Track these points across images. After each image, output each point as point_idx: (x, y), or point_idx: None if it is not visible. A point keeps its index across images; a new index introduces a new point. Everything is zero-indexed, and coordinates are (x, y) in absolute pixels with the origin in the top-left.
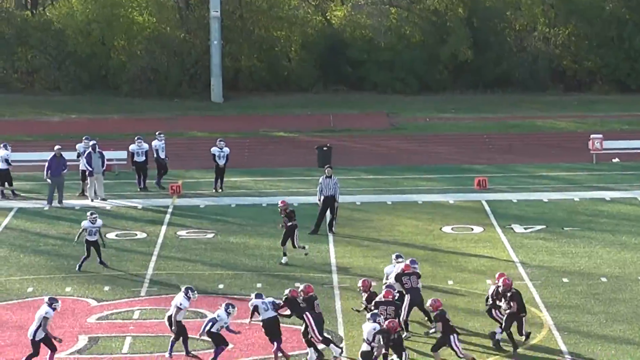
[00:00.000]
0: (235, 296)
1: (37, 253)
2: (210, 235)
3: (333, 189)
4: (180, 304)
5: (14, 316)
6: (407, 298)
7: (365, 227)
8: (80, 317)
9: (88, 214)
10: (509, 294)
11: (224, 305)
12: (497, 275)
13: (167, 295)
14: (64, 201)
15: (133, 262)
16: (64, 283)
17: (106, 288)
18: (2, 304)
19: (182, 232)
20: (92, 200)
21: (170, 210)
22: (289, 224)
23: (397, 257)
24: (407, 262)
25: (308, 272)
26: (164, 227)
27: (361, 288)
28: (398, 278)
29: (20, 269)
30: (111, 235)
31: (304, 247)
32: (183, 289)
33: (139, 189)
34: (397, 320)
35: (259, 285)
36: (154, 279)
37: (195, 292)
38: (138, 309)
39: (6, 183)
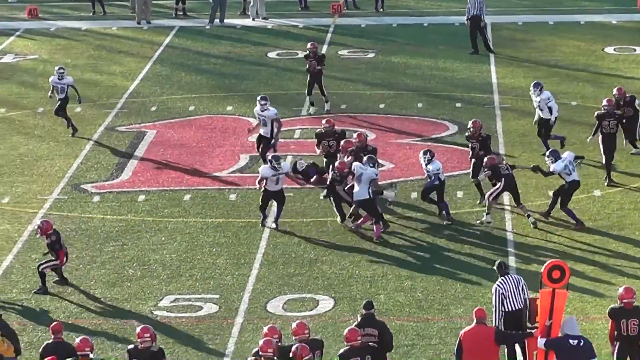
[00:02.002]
0: (395, 116)
1: (199, 72)
2: (371, 55)
3: (478, 8)
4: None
5: (176, 134)
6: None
7: (526, 48)
8: (241, 136)
9: (56, 68)
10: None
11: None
12: None
13: (328, 115)
14: (225, 20)
15: (294, 81)
16: (225, 102)
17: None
18: (164, 122)
19: (344, 52)
20: (253, 19)
21: (331, 29)
22: (318, 67)
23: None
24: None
25: (469, 92)
26: (325, 47)
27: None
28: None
29: (181, 87)
30: (272, 55)
31: (327, 101)
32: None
33: (299, 8)
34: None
35: (419, 105)
36: (315, 98)
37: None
38: (299, 128)
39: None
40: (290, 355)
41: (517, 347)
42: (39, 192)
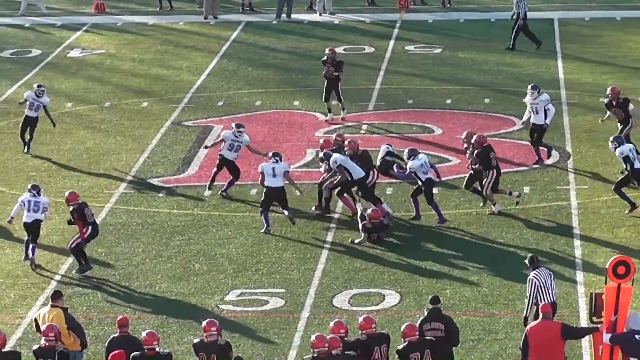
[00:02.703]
0: (462, 111)
1: (266, 67)
2: (438, 50)
3: (516, 5)
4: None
5: None
6: None
7: (593, 44)
8: (307, 131)
9: (35, 85)
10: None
11: (234, 124)
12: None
13: (395, 110)
14: (292, 15)
15: (361, 76)
16: (291, 97)
17: (334, 102)
18: (231, 117)
19: (410, 47)
20: (320, 14)
21: (398, 24)
22: (335, 74)
23: None
24: None
25: None
26: (391, 42)
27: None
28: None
29: (248, 82)
30: (339, 50)
31: (343, 108)
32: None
33: (367, 3)
34: None
35: (486, 100)
36: (381, 94)
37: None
38: (365, 123)
39: None
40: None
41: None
42: (106, 186)
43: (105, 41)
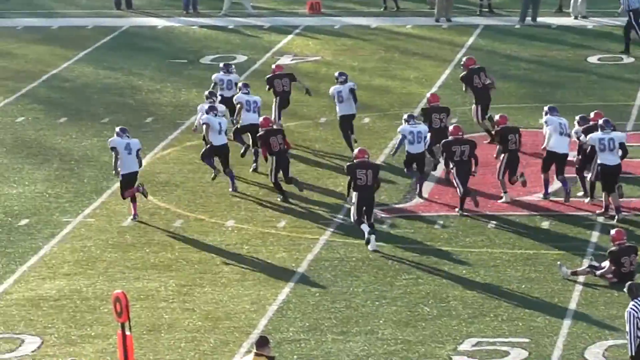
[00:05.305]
0: None
1: (506, 78)
2: None
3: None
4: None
5: (480, 150)
6: None
7: None
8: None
9: (221, 65)
10: None
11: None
12: None
13: None
14: (538, 18)
15: (618, 90)
16: (536, 113)
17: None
18: (466, 135)
19: None
20: (574, 18)
21: None
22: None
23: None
24: None
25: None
26: None
27: None
28: None
29: None
30: (592, 59)
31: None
32: None
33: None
34: None
35: None
36: None
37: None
38: (630, 145)
39: None
40: None
41: None
42: (320, 216)
43: (321, 46)
